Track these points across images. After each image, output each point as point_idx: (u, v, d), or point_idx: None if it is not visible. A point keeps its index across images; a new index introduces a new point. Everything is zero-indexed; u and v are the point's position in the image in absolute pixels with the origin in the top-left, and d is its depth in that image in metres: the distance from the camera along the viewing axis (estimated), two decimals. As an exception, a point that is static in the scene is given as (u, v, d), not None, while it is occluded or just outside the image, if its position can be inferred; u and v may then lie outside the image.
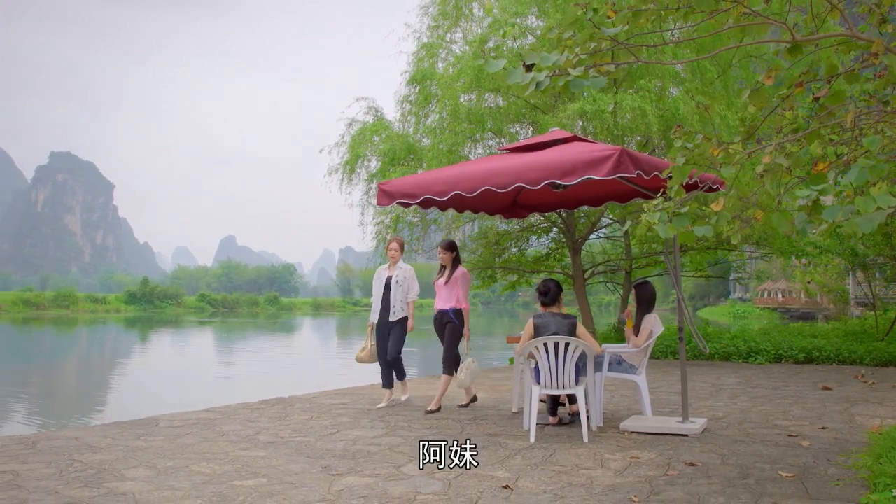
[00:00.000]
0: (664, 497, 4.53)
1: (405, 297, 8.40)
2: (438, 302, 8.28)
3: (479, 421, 7.41)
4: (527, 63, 4.34)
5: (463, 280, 8.22)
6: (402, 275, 8.44)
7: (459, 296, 8.16)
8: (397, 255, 8.53)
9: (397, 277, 8.41)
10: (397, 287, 8.37)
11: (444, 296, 8.23)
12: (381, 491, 4.71)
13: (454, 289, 8.17)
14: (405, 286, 8.41)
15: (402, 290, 8.38)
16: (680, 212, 4.71)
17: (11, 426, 12.26)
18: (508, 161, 6.47)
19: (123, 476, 5.20)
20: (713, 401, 8.70)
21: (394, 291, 8.36)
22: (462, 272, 8.28)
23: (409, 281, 8.45)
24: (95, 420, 9.71)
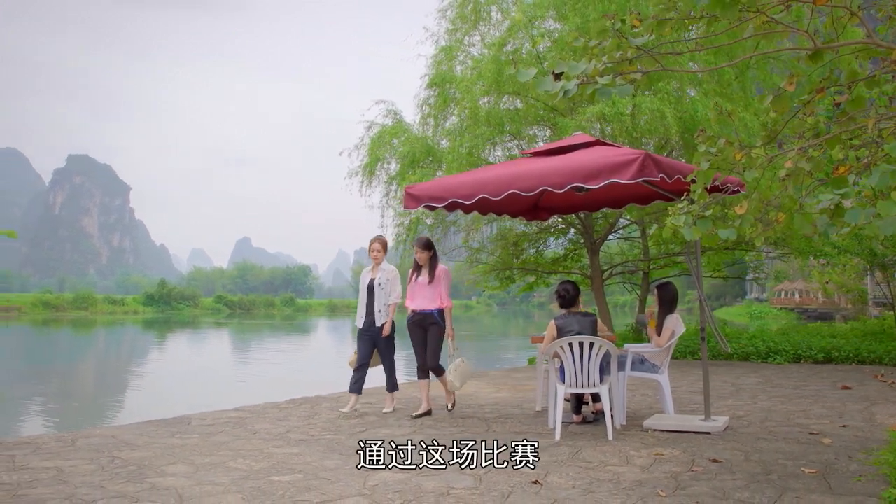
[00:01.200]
0: (690, 492, 4.66)
1: (388, 300, 8.08)
2: (418, 302, 7.90)
3: (504, 420, 7.55)
4: (556, 72, 4.49)
5: (445, 278, 7.91)
6: (384, 277, 8.11)
7: (442, 294, 7.83)
8: (380, 255, 8.21)
9: (380, 280, 8.09)
10: (380, 290, 8.05)
11: (425, 295, 7.88)
12: (415, 486, 4.87)
13: (437, 288, 7.85)
14: (388, 288, 8.09)
15: (385, 292, 8.06)
16: (704, 215, 4.85)
17: (45, 425, 12.50)
18: (533, 165, 6.61)
19: (164, 472, 5.38)
20: (734, 400, 8.81)
21: (377, 295, 8.04)
22: (443, 270, 7.96)
23: (391, 283, 8.11)
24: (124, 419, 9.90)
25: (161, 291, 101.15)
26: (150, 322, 67.22)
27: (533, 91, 14.19)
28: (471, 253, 18.50)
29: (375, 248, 8.18)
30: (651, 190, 7.49)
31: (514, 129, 14.78)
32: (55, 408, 15.43)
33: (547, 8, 14.63)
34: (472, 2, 16.24)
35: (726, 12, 4.19)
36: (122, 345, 39.83)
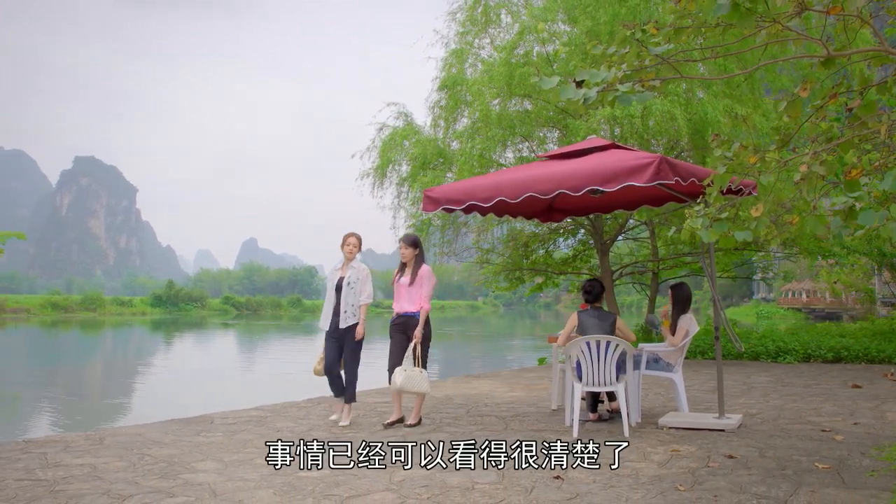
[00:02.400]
0: (708, 486, 4.81)
1: (357, 301, 7.49)
2: (401, 304, 7.50)
3: (521, 418, 7.70)
4: (577, 79, 4.63)
5: (428, 279, 7.44)
6: (354, 275, 7.49)
7: (422, 296, 7.39)
8: (354, 252, 7.60)
9: (349, 279, 7.47)
10: (348, 289, 7.44)
11: (408, 297, 7.45)
12: (440, 481, 5.02)
13: (419, 289, 7.41)
14: (357, 288, 7.48)
15: (355, 292, 7.46)
16: (720, 217, 4.99)
17: (68, 423, 12.69)
18: (550, 168, 6.76)
19: (194, 468, 5.54)
20: (745, 398, 8.94)
21: (345, 294, 7.44)
22: (427, 271, 7.50)
23: (361, 282, 7.50)
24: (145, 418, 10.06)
25: (169, 292, 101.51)
26: (158, 323, 67.52)
27: (543, 94, 14.33)
28: (481, 253, 18.65)
29: (352, 243, 7.58)
30: (664, 192, 7.63)
31: (526, 132, 14.92)
32: (74, 408, 15.61)
33: (556, 11, 14.77)
34: (482, 5, 16.39)
35: (743, 22, 4.33)
36: (134, 346, 40.06)
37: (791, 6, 4.32)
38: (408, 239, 7.60)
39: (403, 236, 7.68)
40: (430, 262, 16.90)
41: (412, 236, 7.65)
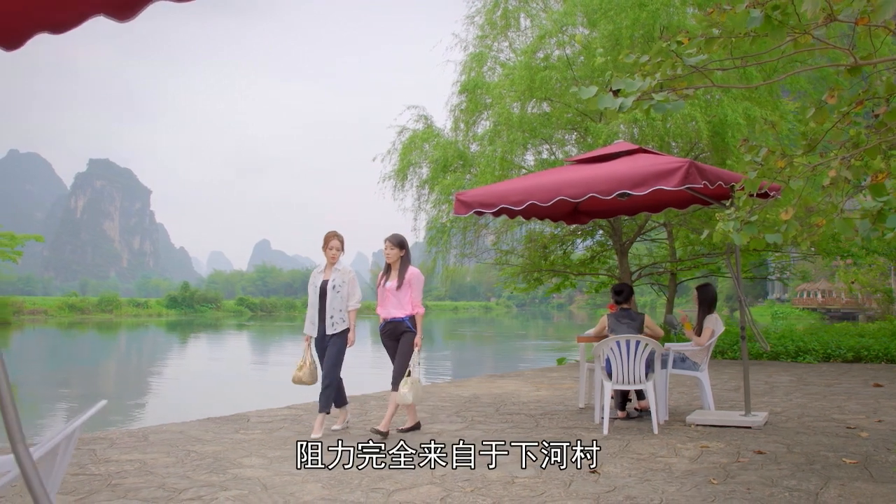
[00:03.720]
0: (740, 480, 4.98)
1: (344, 306, 7.11)
2: (388, 308, 7.09)
3: (550, 416, 7.88)
4: (613, 88, 4.82)
5: (416, 281, 7.05)
6: (339, 279, 7.13)
7: (413, 299, 7.02)
8: (338, 255, 7.24)
9: (334, 282, 7.10)
10: (334, 294, 7.07)
11: (395, 301, 7.03)
12: (480, 475, 5.22)
13: (407, 292, 7.02)
14: (344, 292, 7.11)
15: (341, 297, 7.08)
16: (750, 220, 5.18)
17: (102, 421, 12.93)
18: (580, 172, 6.94)
19: (241, 464, 5.76)
20: (769, 397, 9.10)
21: (330, 299, 7.06)
22: (415, 272, 7.08)
23: (348, 286, 7.15)
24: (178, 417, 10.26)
25: (184, 294, 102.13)
26: (174, 324, 67.97)
27: (564, 97, 14.52)
28: (500, 255, 18.82)
29: (335, 246, 7.19)
30: (688, 194, 7.79)
31: (546, 134, 15.10)
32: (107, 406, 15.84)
33: (576, 15, 14.93)
34: (501, 8, 16.58)
35: (775, 33, 4.50)
36: (155, 347, 40.32)
37: (820, 17, 4.49)
38: (394, 239, 7.11)
39: (389, 236, 7.18)
40: (451, 263, 17.14)
41: (398, 236, 7.15)
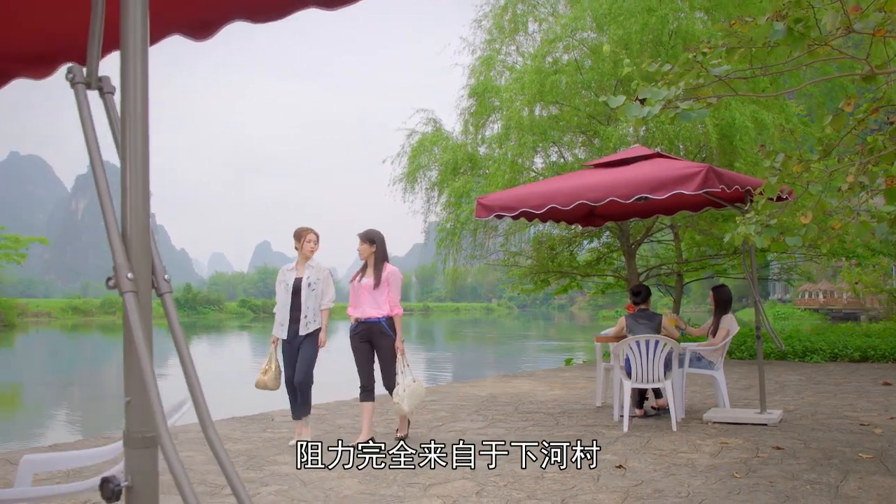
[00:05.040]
0: (762, 474, 5.18)
1: (318, 305, 6.69)
2: (363, 308, 6.61)
3: (569, 414, 8.07)
4: (640, 97, 5.02)
5: (395, 280, 6.63)
6: (314, 276, 6.70)
7: (391, 299, 6.57)
8: (316, 248, 6.83)
9: (309, 279, 6.66)
10: (309, 291, 6.63)
11: (371, 300, 6.58)
12: (510, 470, 5.41)
13: (385, 291, 6.57)
14: (318, 290, 6.69)
15: (316, 295, 6.66)
16: (770, 224, 5.37)
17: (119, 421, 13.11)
18: (599, 177, 7.14)
19: (275, 461, 5.95)
20: (781, 395, 9.28)
21: (305, 297, 6.61)
22: (393, 270, 6.64)
23: (323, 283, 6.74)
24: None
25: (186, 296, 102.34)
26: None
27: (573, 100, 14.71)
28: (507, 256, 18.99)
29: (312, 240, 6.80)
30: (704, 198, 7.98)
31: (556, 137, 15.29)
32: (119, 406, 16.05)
33: (584, 19, 15.11)
34: (510, 13, 16.78)
35: (796, 44, 4.69)
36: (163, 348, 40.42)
37: (840, 30, 4.68)
38: (364, 235, 6.67)
39: (361, 232, 6.73)
40: (461, 264, 17.33)
41: (369, 232, 6.68)
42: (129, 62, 1.28)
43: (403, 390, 6.39)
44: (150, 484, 1.26)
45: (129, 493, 1.24)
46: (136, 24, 1.29)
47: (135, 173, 1.27)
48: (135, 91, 1.27)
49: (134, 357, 1.22)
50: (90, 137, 1.27)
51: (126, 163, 1.27)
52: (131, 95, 1.27)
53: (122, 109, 1.28)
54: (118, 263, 1.21)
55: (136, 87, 1.28)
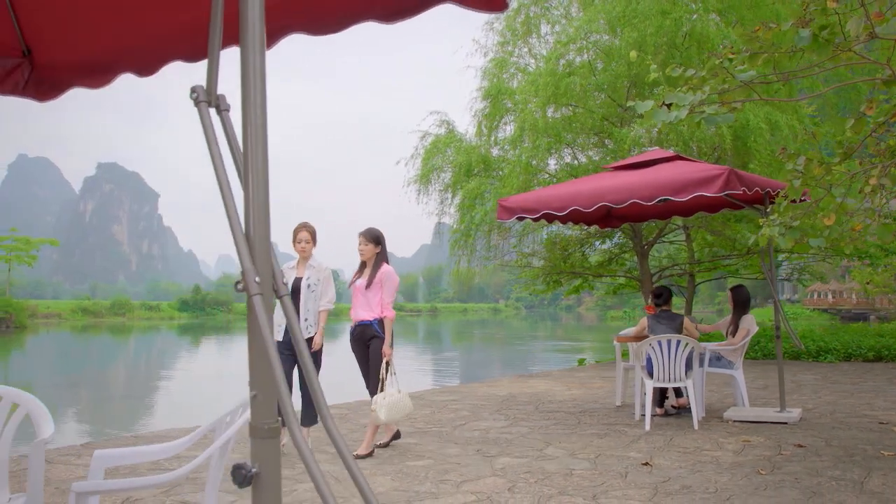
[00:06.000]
0: (786, 471, 5.27)
1: (317, 306, 6.46)
2: (358, 310, 6.38)
3: (590, 413, 8.17)
4: (666, 102, 5.12)
5: (389, 281, 6.32)
6: (314, 276, 6.46)
7: (383, 301, 6.28)
8: (308, 248, 6.50)
9: (309, 280, 6.42)
10: (309, 293, 6.40)
11: (364, 302, 6.34)
12: (539, 468, 5.52)
13: (378, 293, 6.29)
14: (318, 291, 6.46)
15: (316, 296, 6.44)
16: (792, 225, 5.47)
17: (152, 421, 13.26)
18: (620, 179, 7.24)
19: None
20: (798, 395, 9.37)
21: (304, 298, 6.37)
22: (387, 271, 6.34)
23: (323, 284, 6.49)
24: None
25: (195, 297, 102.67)
26: (187, 327, 68.35)
27: (587, 102, 14.81)
28: (520, 257, 19.09)
29: (304, 239, 6.47)
30: (723, 199, 8.07)
31: (570, 139, 15.40)
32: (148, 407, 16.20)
33: (598, 21, 15.20)
34: (524, 15, 16.89)
35: (821, 50, 4.79)
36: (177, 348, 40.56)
37: (863, 36, 4.77)
38: (369, 233, 6.39)
39: (364, 230, 6.44)
40: (475, 266, 17.44)
41: (374, 230, 6.41)
42: (250, 82, 1.39)
43: (384, 398, 5.99)
44: (275, 471, 1.37)
45: (256, 480, 1.35)
46: (255, 48, 1.41)
47: (257, 185, 1.38)
48: (255, 110, 1.39)
49: (263, 354, 1.33)
50: (214, 152, 1.39)
51: (248, 175, 1.38)
52: (251, 113, 1.38)
53: (243, 125, 1.39)
54: (246, 268, 1.32)
55: (255, 106, 1.39)
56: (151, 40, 2.73)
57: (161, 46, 2.70)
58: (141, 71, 2.79)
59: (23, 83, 2.88)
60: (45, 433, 3.19)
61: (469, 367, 25.50)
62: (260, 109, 1.40)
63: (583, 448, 6.23)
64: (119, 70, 2.82)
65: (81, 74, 2.90)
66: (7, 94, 2.90)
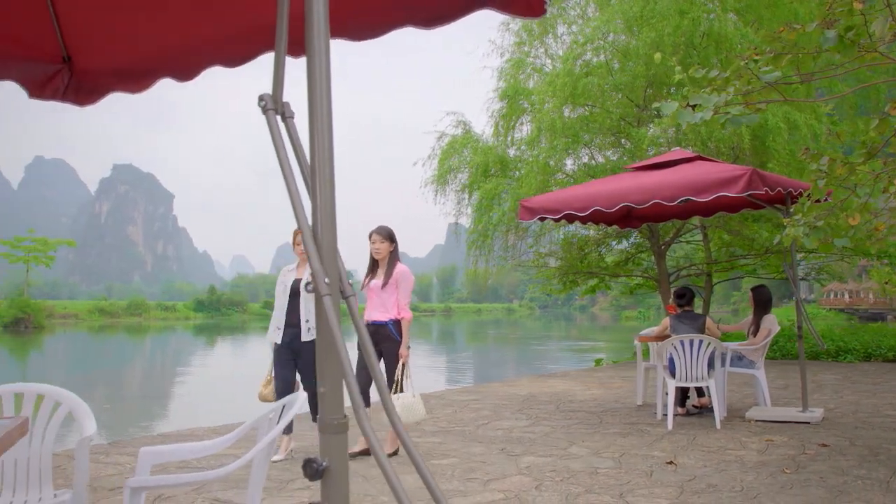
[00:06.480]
0: (811, 469, 5.30)
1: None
2: (369, 311, 6.16)
3: (612, 413, 8.21)
4: (691, 104, 5.15)
5: (404, 281, 6.12)
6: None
7: (400, 301, 6.07)
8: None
9: (307, 281, 5.56)
10: (308, 295, 6.07)
11: (378, 302, 6.10)
12: (564, 466, 5.56)
13: (393, 293, 6.08)
14: None
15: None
16: (817, 225, 5.49)
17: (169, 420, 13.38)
18: (642, 179, 7.27)
19: (332, 456, 6.12)
20: (819, 395, 9.36)
21: (304, 300, 6.16)
22: (403, 271, 6.14)
23: None
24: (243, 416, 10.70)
25: (211, 298, 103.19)
26: (203, 327, 68.72)
27: (605, 102, 14.82)
28: (537, 257, 19.10)
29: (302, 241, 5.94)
30: (744, 199, 8.09)
31: (588, 140, 15.42)
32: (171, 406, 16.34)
33: (615, 22, 15.21)
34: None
35: (847, 51, 4.81)
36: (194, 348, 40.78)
37: (889, 36, 4.79)
38: (383, 231, 6.18)
39: (377, 228, 6.23)
40: (492, 265, 17.48)
41: (387, 228, 6.22)
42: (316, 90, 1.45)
43: (398, 399, 5.83)
44: (343, 465, 1.43)
45: (326, 473, 1.40)
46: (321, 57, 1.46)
47: (324, 191, 1.44)
48: (321, 118, 1.44)
49: (333, 353, 1.39)
50: (283, 159, 1.44)
51: (316, 181, 1.44)
52: (318, 121, 1.44)
53: (310, 133, 1.45)
54: (315, 270, 1.37)
55: (322, 114, 1.45)
56: (192, 46, 2.79)
57: (201, 52, 2.76)
58: (180, 76, 2.85)
59: (63, 88, 2.95)
60: (89, 431, 3.27)
61: (486, 367, 25.57)
62: (326, 118, 1.46)
63: (606, 447, 6.27)
64: (158, 75, 2.87)
65: (121, 80, 2.96)
66: (48, 98, 2.97)
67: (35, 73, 2.87)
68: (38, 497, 3.25)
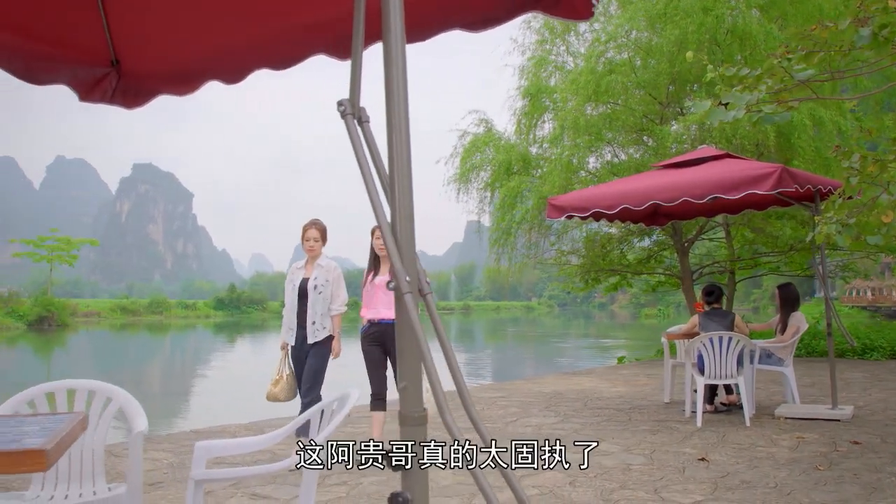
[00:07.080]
0: (844, 467, 5.31)
1: (327, 309, 5.96)
2: (377, 308, 5.95)
3: (640, 410, 8.23)
4: (723, 102, 5.18)
5: None
6: (322, 276, 5.96)
7: None
8: (317, 247, 6.02)
9: (316, 280, 5.94)
10: (316, 294, 5.92)
11: (387, 301, 5.86)
12: (596, 463, 5.61)
13: None
14: (327, 293, 5.95)
15: (323, 298, 5.93)
16: (848, 223, 5.50)
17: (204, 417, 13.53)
18: (671, 177, 7.30)
19: (365, 453, 6.19)
20: (847, 392, 9.34)
21: (312, 301, 5.92)
22: None
23: (332, 285, 5.99)
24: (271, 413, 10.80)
25: (231, 296, 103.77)
26: (223, 325, 69.14)
27: (626, 100, 14.82)
28: (559, 255, 19.12)
29: (312, 237, 5.99)
30: (772, 197, 8.09)
31: (611, 137, 15.42)
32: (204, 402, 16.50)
33: (638, 20, 15.20)
34: (562, 14, 16.92)
35: (881, 49, 4.82)
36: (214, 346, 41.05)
37: (923, 33, 4.78)
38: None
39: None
40: (515, 262, 17.52)
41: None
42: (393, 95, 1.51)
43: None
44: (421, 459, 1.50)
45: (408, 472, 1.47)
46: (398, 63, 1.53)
47: (403, 193, 1.50)
48: (399, 123, 1.51)
49: (414, 348, 1.45)
50: (363, 162, 1.51)
51: (395, 184, 1.50)
52: (396, 126, 1.50)
53: (388, 137, 1.51)
54: (397, 269, 1.44)
55: (400, 119, 1.51)
56: (239, 48, 2.84)
57: (249, 54, 2.81)
58: (228, 79, 2.91)
59: (111, 91, 3.01)
60: (141, 426, 3.35)
61: (507, 365, 25.59)
62: (404, 122, 1.52)
63: (637, 444, 6.31)
64: (206, 78, 2.93)
65: (169, 82, 3.03)
66: (96, 101, 3.03)
67: (84, 76, 2.93)
68: (93, 491, 3.34)
